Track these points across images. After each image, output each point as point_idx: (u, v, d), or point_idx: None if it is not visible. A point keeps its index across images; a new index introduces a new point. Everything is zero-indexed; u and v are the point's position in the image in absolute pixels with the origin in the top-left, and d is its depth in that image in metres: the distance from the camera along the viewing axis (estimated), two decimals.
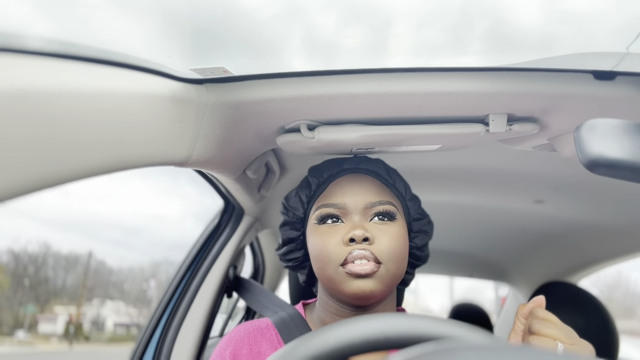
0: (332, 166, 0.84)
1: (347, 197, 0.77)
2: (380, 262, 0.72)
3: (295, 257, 0.87)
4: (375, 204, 0.77)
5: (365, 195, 0.77)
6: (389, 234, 0.75)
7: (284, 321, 0.85)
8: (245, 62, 0.68)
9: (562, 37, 0.65)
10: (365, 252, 0.71)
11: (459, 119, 0.80)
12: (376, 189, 0.79)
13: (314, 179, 0.83)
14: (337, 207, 0.77)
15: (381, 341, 0.41)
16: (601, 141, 0.47)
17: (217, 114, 0.73)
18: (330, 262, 0.73)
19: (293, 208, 0.84)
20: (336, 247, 0.73)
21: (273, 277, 2.00)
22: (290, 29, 0.66)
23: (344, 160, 0.85)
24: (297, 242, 0.86)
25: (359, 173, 0.82)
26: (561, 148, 0.85)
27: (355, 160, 0.84)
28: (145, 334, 1.11)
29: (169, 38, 0.65)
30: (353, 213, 0.77)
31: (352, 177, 0.81)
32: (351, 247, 0.72)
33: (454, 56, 0.68)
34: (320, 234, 0.77)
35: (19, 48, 0.45)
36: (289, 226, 0.86)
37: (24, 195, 0.44)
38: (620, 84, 0.68)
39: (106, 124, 0.53)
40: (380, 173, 0.83)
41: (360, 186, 0.79)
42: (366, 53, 0.68)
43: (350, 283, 0.72)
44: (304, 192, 0.84)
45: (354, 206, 0.77)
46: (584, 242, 1.71)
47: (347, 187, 0.79)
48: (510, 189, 1.37)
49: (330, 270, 0.73)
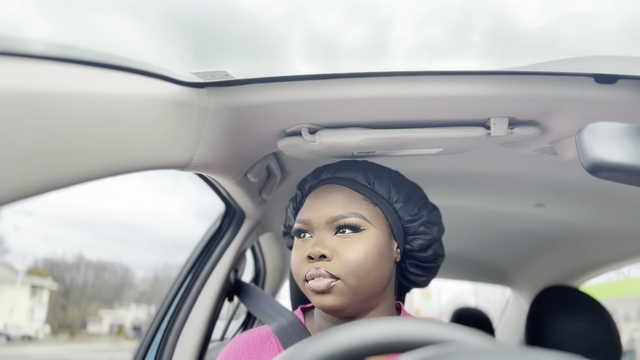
0: (313, 176, 0.85)
1: (312, 213, 0.78)
2: (338, 278, 0.72)
3: None
4: (337, 217, 0.76)
5: (329, 209, 0.77)
6: (350, 247, 0.74)
7: (284, 328, 0.85)
8: (246, 65, 0.68)
9: (563, 40, 0.65)
10: (319, 269, 0.73)
11: (460, 123, 0.80)
12: (343, 201, 0.77)
13: (299, 191, 0.87)
14: (304, 222, 0.79)
15: (384, 345, 0.41)
16: (603, 145, 0.47)
17: (219, 118, 0.73)
18: (299, 277, 0.76)
19: (288, 219, 0.88)
20: (300, 263, 0.76)
21: (274, 281, 2.00)
22: (291, 32, 0.66)
23: (324, 168, 0.85)
24: None
25: (332, 184, 0.81)
26: (563, 151, 0.84)
27: (333, 168, 0.83)
28: (146, 338, 1.11)
29: (171, 42, 0.65)
30: (317, 228, 0.77)
31: (323, 190, 0.81)
32: (310, 265, 0.74)
33: (455, 57, 0.68)
34: (295, 247, 0.80)
35: (21, 52, 0.45)
36: (288, 236, 0.90)
37: (26, 199, 0.44)
38: (621, 87, 0.68)
39: (108, 127, 0.53)
40: (356, 180, 0.81)
41: (328, 199, 0.78)
42: (367, 55, 0.68)
43: (313, 298, 0.74)
44: (293, 203, 0.87)
45: (317, 222, 0.77)
46: (585, 246, 1.71)
47: (315, 201, 0.79)
48: (511, 192, 1.37)
49: (300, 284, 0.77)
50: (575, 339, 1.17)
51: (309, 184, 0.85)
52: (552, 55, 0.66)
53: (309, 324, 0.87)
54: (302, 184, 0.86)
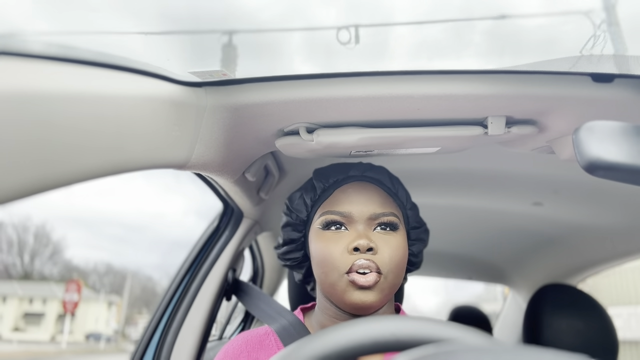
0: (338, 171, 0.84)
1: (352, 206, 0.78)
2: (382, 273, 0.73)
3: (295, 257, 0.88)
4: (379, 214, 0.78)
5: (370, 205, 0.78)
6: (391, 244, 0.76)
7: (284, 328, 0.85)
8: (244, 64, 0.68)
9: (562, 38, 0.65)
10: (369, 262, 0.73)
11: (458, 122, 0.80)
12: (381, 199, 0.80)
13: (319, 183, 0.84)
14: (343, 215, 0.78)
15: (381, 343, 0.41)
16: (600, 143, 0.47)
17: (216, 117, 0.73)
18: (335, 269, 0.74)
19: (297, 210, 0.85)
20: (341, 254, 0.75)
21: (272, 280, 2.00)
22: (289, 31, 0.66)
23: (350, 166, 0.85)
24: (298, 243, 0.87)
25: (364, 181, 0.83)
26: (560, 150, 0.85)
27: (361, 167, 0.85)
28: (144, 337, 1.11)
29: (168, 41, 0.65)
30: (358, 222, 0.78)
31: (357, 185, 0.81)
32: (355, 256, 0.73)
33: (454, 56, 0.68)
34: (324, 239, 0.78)
35: (18, 51, 0.45)
36: (291, 227, 0.86)
37: (24, 198, 0.44)
38: (618, 86, 0.68)
39: (105, 126, 0.53)
40: (384, 182, 0.84)
41: (366, 195, 0.79)
42: (366, 54, 0.68)
43: (351, 293, 0.73)
44: (309, 195, 0.84)
45: (359, 215, 0.78)
46: (583, 245, 1.71)
47: (353, 195, 0.80)
48: (508, 191, 1.37)
49: (333, 277, 0.74)
50: (573, 337, 1.18)
51: (333, 178, 0.83)
52: (552, 54, 0.66)
53: (309, 324, 0.87)
54: (322, 177, 0.84)
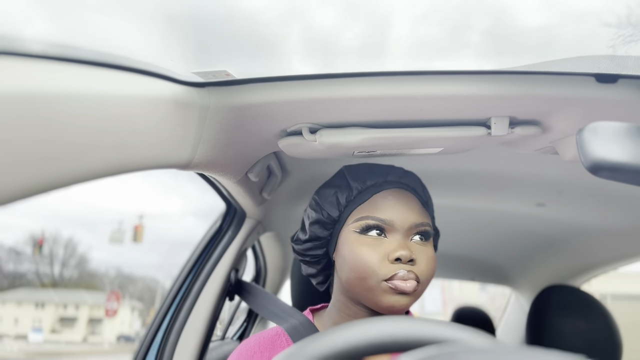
0: (375, 174, 0.83)
1: (394, 214, 0.77)
2: (419, 282, 0.74)
3: (316, 254, 0.87)
4: (418, 224, 0.78)
5: (411, 214, 0.78)
6: (426, 254, 0.77)
7: (295, 328, 0.85)
8: (247, 65, 0.68)
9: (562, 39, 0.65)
10: (410, 273, 0.73)
11: (461, 122, 0.80)
12: (419, 209, 0.80)
13: (355, 184, 0.82)
14: (384, 222, 0.77)
15: (387, 344, 0.41)
16: (603, 144, 0.47)
17: (219, 117, 0.73)
18: (374, 275, 0.74)
19: (328, 208, 0.83)
20: (380, 262, 0.74)
21: (275, 280, 2.00)
22: (291, 31, 0.66)
23: (386, 170, 0.84)
24: (324, 241, 0.85)
25: (401, 188, 0.82)
26: (563, 151, 0.84)
27: (397, 173, 0.84)
28: (147, 337, 1.11)
29: (172, 41, 0.65)
30: (398, 230, 0.77)
31: (397, 193, 0.81)
32: (397, 266, 0.74)
33: (453, 56, 0.68)
34: (362, 244, 0.77)
35: (20, 51, 0.45)
36: (319, 225, 0.84)
37: (26, 199, 0.44)
38: (622, 86, 0.68)
39: (108, 127, 0.53)
40: (418, 191, 0.84)
41: (406, 204, 0.79)
42: (365, 54, 0.68)
43: (389, 297, 0.73)
44: (344, 194, 0.82)
45: (400, 224, 0.77)
46: (586, 246, 1.70)
47: (394, 202, 0.79)
48: (512, 192, 1.36)
49: (371, 283, 0.74)
50: (576, 339, 1.17)
51: (370, 181, 0.81)
52: (551, 55, 0.66)
53: (320, 325, 0.87)
54: (358, 177, 0.82)
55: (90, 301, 40.55)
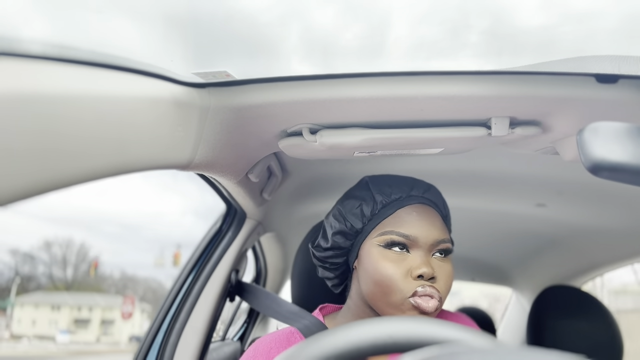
0: (399, 188, 0.83)
1: (418, 230, 0.78)
2: (440, 300, 0.75)
3: (336, 262, 0.88)
4: (440, 241, 0.79)
5: (435, 231, 0.79)
6: (446, 271, 0.78)
7: (309, 329, 0.86)
8: (247, 65, 0.68)
9: (562, 38, 0.64)
10: (432, 289, 0.74)
11: (461, 122, 0.80)
12: (441, 225, 0.81)
13: (380, 197, 0.82)
14: (408, 238, 0.78)
15: (388, 344, 0.41)
16: (604, 144, 0.47)
17: (220, 118, 0.73)
18: (398, 292, 0.75)
19: (352, 220, 0.83)
20: (404, 278, 0.75)
21: (275, 281, 2.00)
22: (291, 32, 0.66)
23: (411, 184, 0.84)
24: (345, 250, 0.86)
25: (425, 204, 0.83)
26: (564, 151, 0.84)
27: (420, 187, 0.84)
28: (147, 338, 1.11)
29: (172, 42, 0.65)
30: (421, 247, 0.78)
31: (420, 209, 0.81)
32: (418, 283, 0.75)
33: (452, 57, 0.68)
34: (385, 259, 0.77)
35: (21, 52, 0.45)
36: (342, 235, 0.84)
37: (26, 199, 0.44)
38: (622, 87, 0.68)
39: (108, 127, 0.53)
40: (439, 206, 0.84)
41: (429, 220, 0.80)
42: (364, 54, 0.68)
43: (411, 314, 0.75)
44: (369, 207, 0.82)
45: (424, 241, 0.78)
46: (587, 246, 1.70)
47: (417, 219, 0.79)
48: (512, 192, 1.36)
49: (396, 299, 0.75)
50: (577, 339, 1.17)
51: (395, 195, 0.82)
52: (551, 55, 0.66)
53: (331, 327, 0.87)
54: (383, 190, 0.83)
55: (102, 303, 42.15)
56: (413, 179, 0.87)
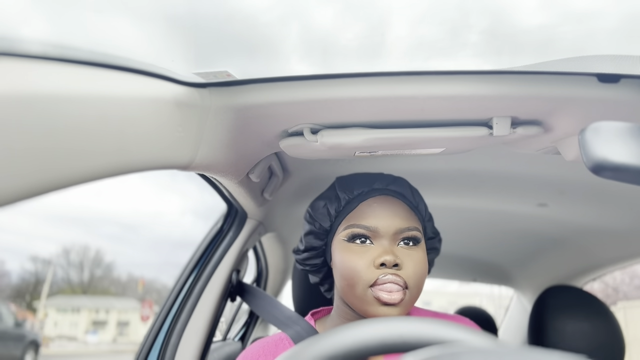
0: (362, 183, 0.85)
1: (378, 221, 0.79)
2: (407, 288, 0.74)
3: (315, 264, 0.90)
4: (404, 229, 0.79)
5: (396, 219, 0.79)
6: (414, 259, 0.77)
7: (300, 335, 0.87)
8: (248, 65, 0.68)
9: (562, 38, 0.64)
10: (395, 277, 0.74)
11: (463, 122, 0.79)
12: (405, 214, 0.81)
13: (343, 194, 0.84)
14: (369, 229, 0.79)
15: (386, 344, 0.41)
16: (606, 144, 0.47)
17: (220, 118, 0.73)
18: (360, 282, 0.75)
19: (320, 219, 0.86)
20: (367, 268, 0.75)
21: (276, 281, 2.00)
22: (291, 32, 0.66)
23: (374, 178, 0.86)
24: (319, 251, 0.88)
25: (388, 195, 0.83)
26: (565, 151, 0.84)
27: (384, 180, 0.85)
28: (148, 338, 1.11)
29: (173, 42, 0.65)
30: (383, 237, 0.78)
31: (382, 200, 0.82)
32: (381, 271, 0.74)
33: (452, 57, 0.68)
34: (350, 252, 0.78)
35: (22, 52, 0.45)
36: (313, 235, 0.87)
37: (26, 200, 0.44)
38: (624, 86, 0.68)
39: (109, 127, 0.53)
40: (406, 196, 0.84)
41: (391, 210, 0.80)
42: (364, 54, 0.68)
43: (376, 308, 0.74)
44: (333, 205, 0.85)
45: (385, 230, 0.78)
46: (588, 246, 1.70)
47: (378, 210, 0.80)
48: (514, 192, 1.36)
49: (359, 290, 0.75)
50: (579, 339, 1.17)
51: (357, 190, 0.84)
52: (551, 55, 0.66)
53: (321, 330, 0.88)
54: (346, 188, 0.85)
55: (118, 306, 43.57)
56: (380, 174, 0.88)
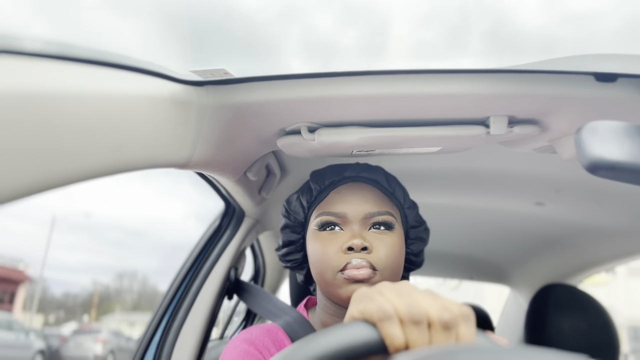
0: (334, 173, 0.85)
1: (347, 206, 0.79)
2: (377, 270, 0.74)
3: (295, 259, 0.89)
4: (374, 214, 0.78)
5: (365, 205, 0.79)
6: (386, 243, 0.77)
7: (289, 324, 0.86)
8: (244, 64, 0.68)
9: (562, 38, 0.65)
10: (363, 261, 0.73)
11: (460, 121, 0.80)
12: (375, 199, 0.80)
13: (315, 185, 0.85)
14: (338, 215, 0.79)
15: (381, 343, 0.41)
16: (602, 143, 0.47)
17: (218, 116, 0.73)
18: (329, 268, 0.75)
19: (294, 212, 0.86)
20: (335, 254, 0.76)
21: (274, 279, 2.00)
22: (289, 31, 0.66)
23: (346, 167, 0.86)
24: (297, 245, 0.88)
25: (359, 182, 0.83)
26: (562, 150, 0.84)
27: (357, 168, 0.85)
28: (145, 336, 1.11)
29: (170, 40, 0.65)
30: (352, 222, 0.78)
31: (352, 186, 0.82)
32: (350, 256, 0.74)
33: (452, 58, 0.68)
34: (320, 240, 0.79)
35: (18, 50, 0.45)
36: (289, 229, 0.88)
37: (25, 198, 0.44)
38: (621, 85, 0.68)
39: (106, 125, 0.52)
40: (380, 182, 0.84)
41: (361, 195, 0.80)
42: (364, 54, 0.68)
43: (347, 287, 0.74)
44: (305, 197, 0.85)
45: (353, 215, 0.78)
46: (584, 244, 1.71)
47: (347, 196, 0.80)
48: (510, 191, 1.37)
49: (328, 276, 0.75)
50: (574, 337, 1.17)
51: (329, 180, 0.84)
52: (552, 54, 0.66)
53: (312, 321, 0.88)
54: (318, 179, 0.85)
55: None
56: (355, 163, 0.88)
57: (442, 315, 0.41)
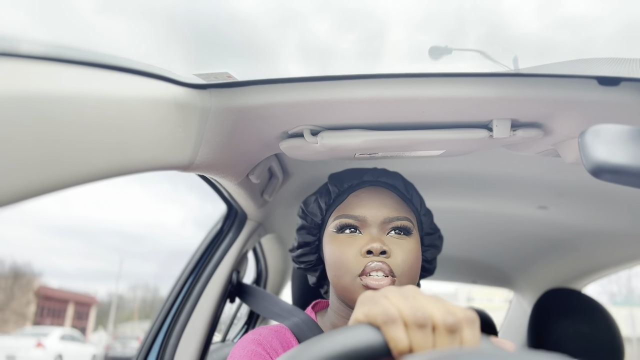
0: (353, 177, 0.85)
1: (366, 210, 0.79)
2: (395, 276, 0.74)
3: (309, 260, 0.90)
4: (393, 219, 0.78)
5: (384, 209, 0.79)
6: (404, 248, 0.76)
7: (297, 325, 0.86)
8: (248, 67, 0.68)
9: (559, 43, 0.65)
10: (382, 264, 0.73)
11: (463, 125, 0.80)
12: (394, 204, 0.80)
13: (334, 188, 0.85)
14: (357, 219, 0.79)
15: (385, 347, 0.41)
16: (605, 147, 0.47)
17: (221, 119, 0.73)
18: (348, 272, 0.75)
19: (311, 214, 0.86)
20: (354, 257, 0.75)
21: (276, 282, 2.00)
22: (290, 35, 0.66)
23: (365, 171, 0.86)
24: (312, 246, 0.88)
25: (378, 186, 0.84)
26: (565, 154, 0.84)
27: (375, 173, 0.86)
28: (147, 339, 1.11)
29: (174, 43, 0.65)
30: (371, 226, 0.78)
31: (371, 190, 0.82)
32: (368, 259, 0.74)
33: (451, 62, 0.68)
34: (338, 242, 0.78)
35: (22, 53, 0.45)
36: (305, 230, 0.88)
37: (26, 200, 0.44)
38: (624, 89, 0.68)
39: (109, 128, 0.53)
40: (398, 187, 0.84)
41: (380, 200, 0.80)
42: (362, 58, 0.68)
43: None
44: (324, 199, 0.85)
45: (372, 219, 0.78)
46: (588, 248, 1.70)
47: (366, 199, 0.80)
48: (513, 194, 1.36)
49: (346, 280, 0.75)
50: (578, 342, 1.17)
51: (348, 183, 0.84)
52: (550, 59, 0.66)
53: (322, 324, 0.88)
54: (337, 182, 0.85)
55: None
56: (373, 168, 0.88)
57: (447, 319, 0.41)
